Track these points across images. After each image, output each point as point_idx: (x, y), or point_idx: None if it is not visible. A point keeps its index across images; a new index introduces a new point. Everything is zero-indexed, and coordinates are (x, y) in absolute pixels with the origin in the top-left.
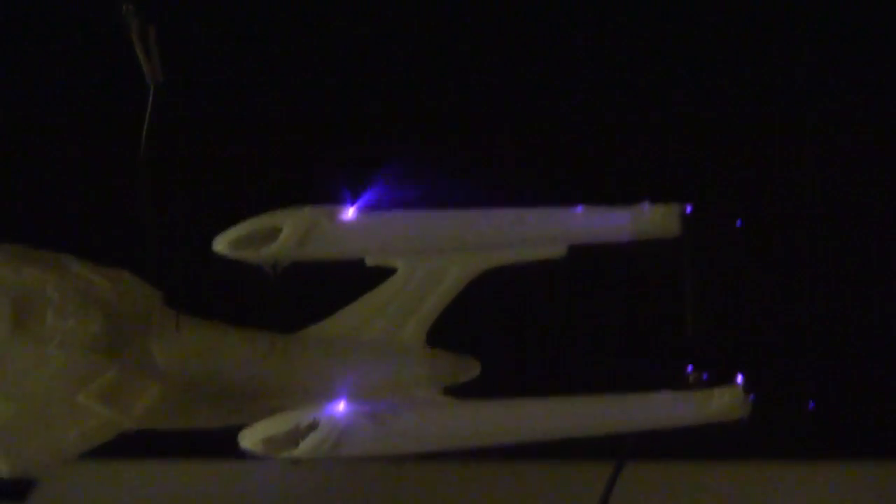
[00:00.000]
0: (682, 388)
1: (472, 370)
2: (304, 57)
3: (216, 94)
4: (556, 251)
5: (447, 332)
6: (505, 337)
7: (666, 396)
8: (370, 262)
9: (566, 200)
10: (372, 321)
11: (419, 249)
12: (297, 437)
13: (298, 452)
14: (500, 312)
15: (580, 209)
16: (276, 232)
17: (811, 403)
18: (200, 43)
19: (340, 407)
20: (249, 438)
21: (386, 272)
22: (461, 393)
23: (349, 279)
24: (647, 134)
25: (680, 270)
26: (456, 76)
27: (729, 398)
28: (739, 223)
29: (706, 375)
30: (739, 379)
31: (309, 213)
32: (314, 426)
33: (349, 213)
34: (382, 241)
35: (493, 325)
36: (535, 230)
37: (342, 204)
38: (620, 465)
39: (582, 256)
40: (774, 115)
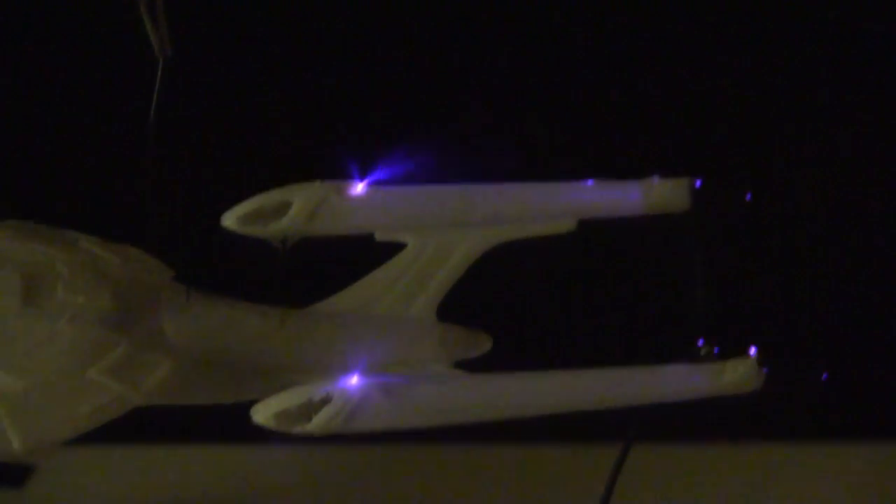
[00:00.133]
0: (694, 361)
1: (483, 345)
2: (314, 31)
3: (225, 67)
4: (566, 225)
5: (458, 307)
6: (516, 312)
7: (679, 368)
8: (380, 237)
9: (576, 174)
10: (382, 296)
11: (429, 224)
12: (309, 411)
13: (311, 427)
14: (510, 287)
15: (590, 183)
16: (285, 207)
17: (825, 375)
18: (209, 15)
19: (353, 380)
20: (262, 413)
21: (396, 248)
22: (472, 368)
23: (359, 255)
24: (656, 108)
25: (690, 244)
26: (466, 50)
27: (742, 370)
28: (749, 197)
29: (717, 349)
30: (753, 351)
31: (319, 188)
32: (327, 400)
33: (359, 188)
34: (392, 216)
35: (504, 299)
36: (544, 204)
37: (352, 179)
38: (628, 446)
39: (592, 231)
40: (784, 88)
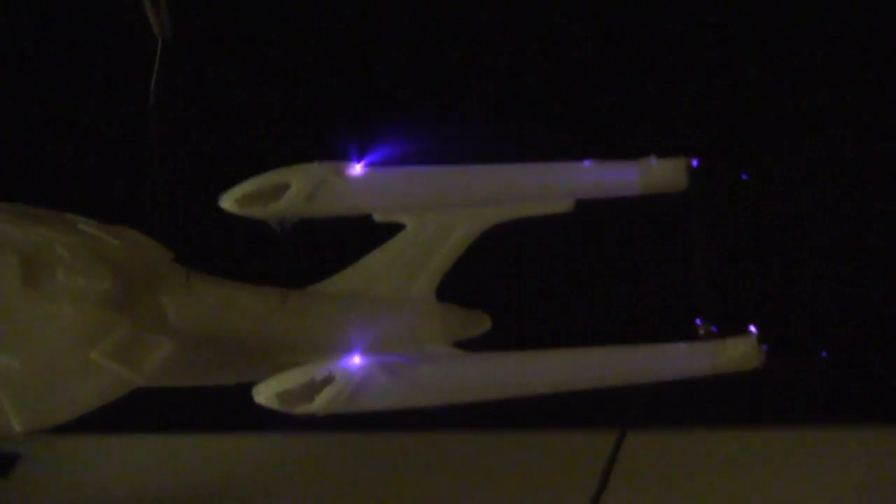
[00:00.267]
0: (693, 340)
1: (482, 324)
2: (314, 13)
3: (224, 49)
4: (563, 205)
5: (457, 287)
6: (514, 291)
7: (679, 347)
8: (378, 218)
9: (573, 155)
10: (381, 277)
11: (427, 205)
12: (312, 391)
13: (314, 407)
14: (509, 267)
15: (587, 163)
16: (283, 188)
17: (824, 353)
18: None
19: (356, 360)
20: (264, 393)
21: (394, 229)
22: (472, 347)
23: (358, 236)
24: (653, 88)
25: (687, 224)
26: (464, 31)
27: (743, 348)
28: (745, 177)
29: (715, 328)
30: (752, 330)
31: (317, 169)
32: (329, 380)
33: (357, 169)
34: (390, 197)
35: (502, 279)
36: (542, 185)
37: (350, 160)
38: (624, 432)
39: (590, 210)
40: (780, 66)
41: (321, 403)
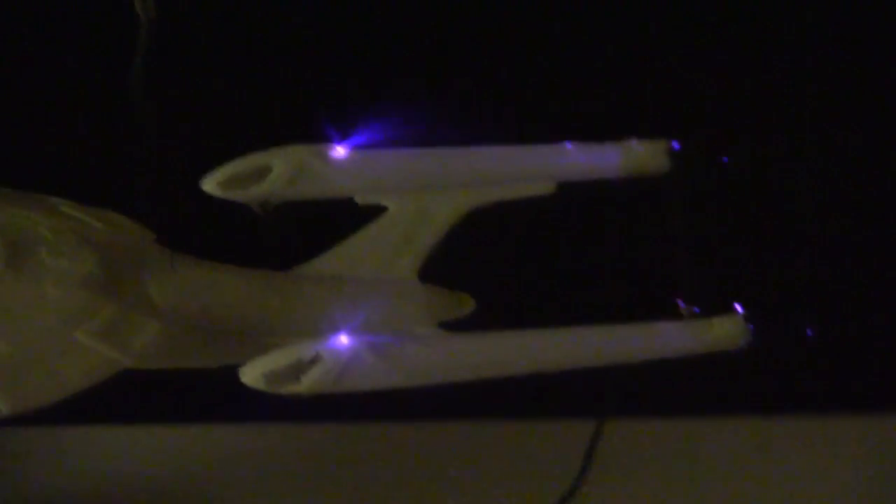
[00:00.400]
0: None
1: (466, 306)
2: None
3: (207, 30)
4: (545, 188)
5: (441, 269)
6: (498, 273)
7: (665, 325)
8: (360, 200)
9: (555, 137)
10: (364, 258)
11: (410, 187)
12: (298, 371)
13: (301, 387)
14: (493, 249)
15: (569, 146)
16: (266, 171)
17: (808, 331)
18: None
19: (343, 340)
20: (250, 374)
21: (377, 211)
22: (456, 329)
23: (340, 218)
24: (634, 69)
25: (669, 207)
26: (444, 14)
27: (729, 326)
28: (725, 160)
29: (697, 310)
30: (739, 308)
31: (299, 151)
32: (317, 359)
33: (339, 151)
34: (372, 179)
35: (486, 262)
36: (524, 167)
37: (332, 143)
38: (602, 422)
39: (571, 193)
40: (762, 49)
41: (308, 383)
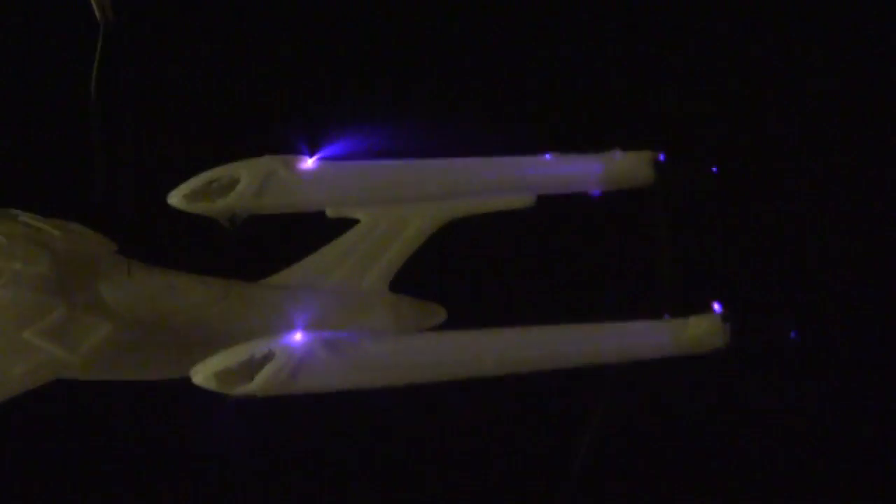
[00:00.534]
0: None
1: (437, 316)
2: (263, 3)
3: (170, 36)
4: (524, 201)
5: (415, 281)
6: (473, 285)
7: (640, 325)
8: (331, 213)
9: (534, 148)
10: (333, 270)
11: (381, 200)
12: (252, 370)
13: (254, 386)
14: (469, 261)
15: (549, 157)
16: (233, 183)
17: (793, 333)
18: None
19: (297, 337)
20: (202, 373)
21: (348, 224)
22: None
23: (312, 233)
24: (618, 79)
25: (654, 221)
26: (421, 23)
27: (706, 325)
28: (715, 170)
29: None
30: (717, 308)
31: (267, 162)
32: (269, 357)
33: (308, 162)
34: (343, 191)
35: (462, 273)
36: (501, 179)
37: (301, 154)
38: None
39: (551, 206)
40: (748, 58)
41: (260, 383)
